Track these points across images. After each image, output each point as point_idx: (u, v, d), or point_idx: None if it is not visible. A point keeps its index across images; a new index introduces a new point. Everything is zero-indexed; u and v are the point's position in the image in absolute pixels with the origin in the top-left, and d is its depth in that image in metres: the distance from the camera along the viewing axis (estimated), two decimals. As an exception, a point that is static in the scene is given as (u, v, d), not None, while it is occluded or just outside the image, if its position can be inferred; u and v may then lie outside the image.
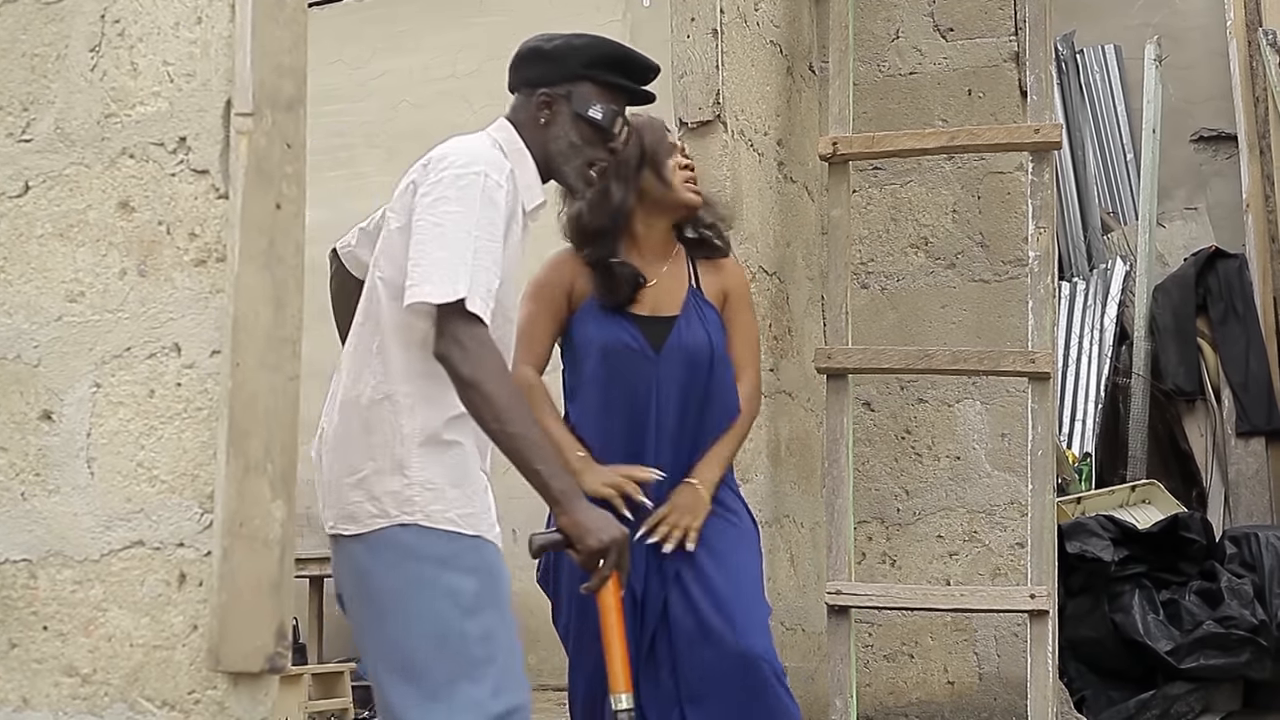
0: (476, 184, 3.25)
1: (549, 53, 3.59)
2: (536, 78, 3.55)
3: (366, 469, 3.24)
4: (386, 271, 3.29)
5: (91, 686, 2.77)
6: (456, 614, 3.19)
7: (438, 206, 3.22)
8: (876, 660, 6.35)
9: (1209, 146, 10.40)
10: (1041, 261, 5.57)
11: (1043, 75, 5.82)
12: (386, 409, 3.24)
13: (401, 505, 3.22)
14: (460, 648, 3.18)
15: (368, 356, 3.28)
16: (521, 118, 3.54)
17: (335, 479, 3.31)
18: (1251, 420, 9.15)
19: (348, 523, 3.28)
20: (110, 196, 2.88)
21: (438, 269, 3.15)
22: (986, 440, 6.32)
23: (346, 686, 7.93)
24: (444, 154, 3.33)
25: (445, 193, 3.24)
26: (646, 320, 4.22)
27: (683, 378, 4.20)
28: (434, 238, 3.19)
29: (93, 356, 2.85)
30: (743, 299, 4.41)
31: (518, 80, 3.59)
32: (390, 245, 3.31)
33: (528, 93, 3.56)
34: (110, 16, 2.92)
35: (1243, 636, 6.66)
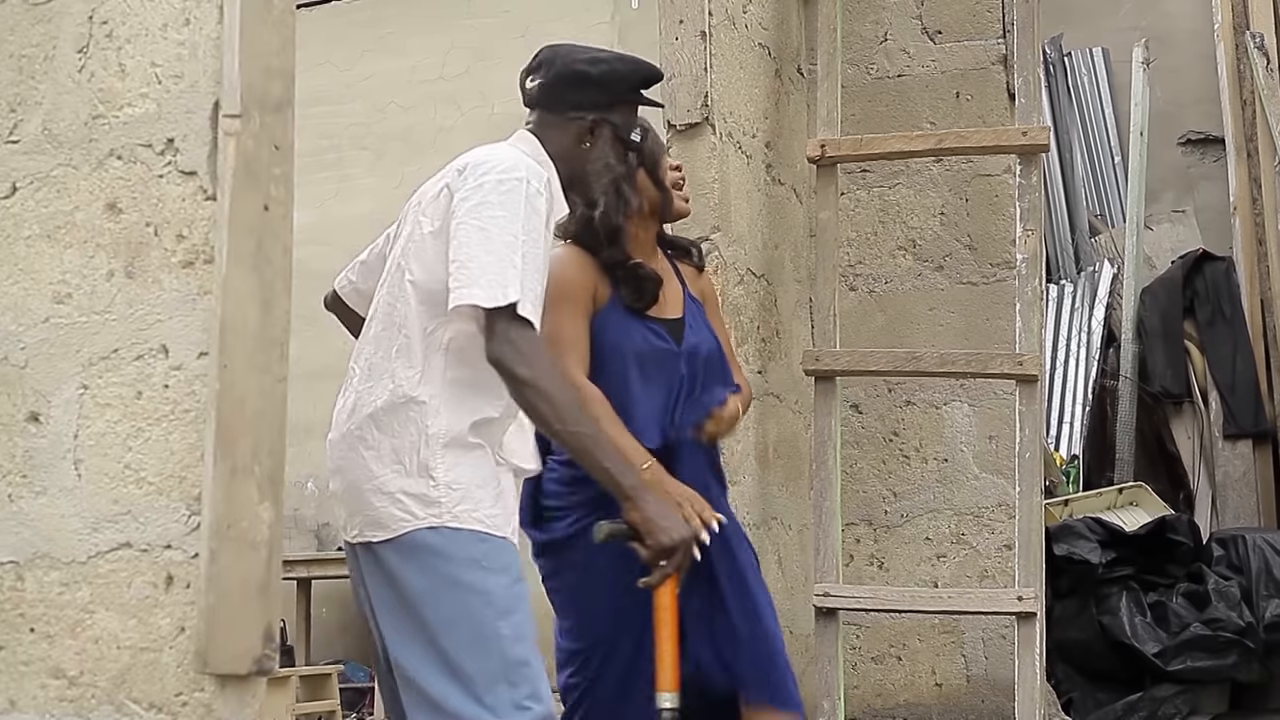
0: (520, 189, 3.25)
1: (596, 78, 3.59)
2: (582, 102, 3.56)
3: (389, 473, 3.23)
4: (418, 275, 3.29)
5: (79, 688, 2.76)
6: (491, 614, 3.19)
7: (481, 211, 3.22)
8: (864, 662, 6.35)
9: (1196, 149, 10.42)
10: (1029, 264, 5.58)
11: (1030, 78, 5.83)
12: (411, 411, 3.24)
13: (429, 507, 3.21)
14: (497, 648, 3.18)
15: (386, 361, 3.28)
16: (553, 135, 3.54)
17: (355, 486, 3.28)
18: (1239, 423, 9.16)
19: (374, 529, 3.25)
20: (98, 198, 2.87)
21: (485, 273, 3.15)
22: (974, 442, 6.32)
23: (334, 689, 7.94)
24: (482, 160, 3.32)
25: (488, 197, 3.23)
26: (663, 321, 4.23)
27: (698, 374, 4.22)
28: (479, 241, 3.18)
29: (80, 358, 2.85)
30: (715, 301, 4.50)
31: (553, 101, 3.58)
32: (422, 249, 3.30)
33: (567, 115, 3.56)
34: (98, 18, 2.92)
35: (1230, 639, 6.67)
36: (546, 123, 3.56)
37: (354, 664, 9.25)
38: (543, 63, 3.63)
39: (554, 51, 3.66)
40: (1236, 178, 9.69)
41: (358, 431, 3.28)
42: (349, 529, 3.34)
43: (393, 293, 3.34)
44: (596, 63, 3.61)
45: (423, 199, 3.41)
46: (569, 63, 3.60)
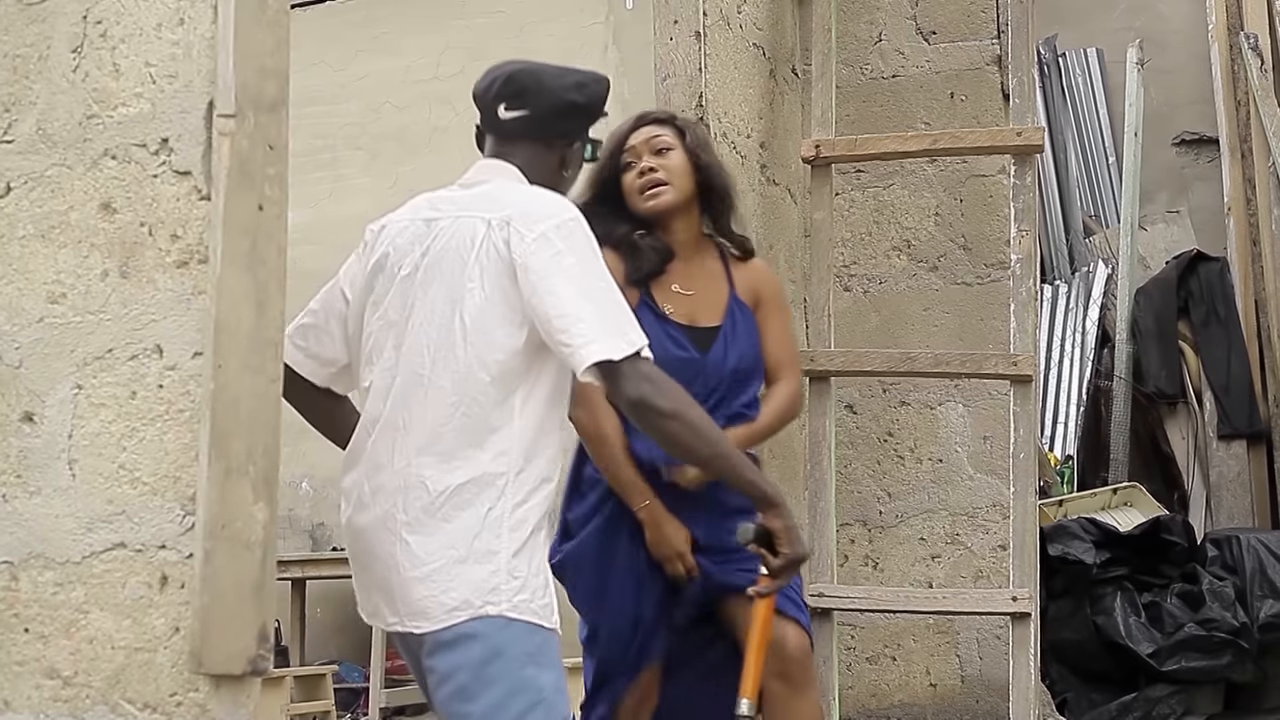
0: (578, 229, 3.16)
1: (585, 106, 3.46)
2: (570, 130, 3.46)
3: (442, 559, 3.07)
4: (482, 350, 3.11)
5: (73, 689, 2.76)
6: (541, 713, 3.08)
7: (559, 261, 3.09)
8: (859, 663, 6.35)
9: (1191, 150, 10.42)
10: (1024, 265, 5.58)
11: (1025, 79, 5.83)
12: (470, 492, 3.08)
13: (487, 595, 3.06)
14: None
15: (438, 441, 3.10)
16: (536, 166, 3.40)
17: (394, 573, 3.11)
18: (1233, 423, 9.17)
19: (419, 619, 3.09)
20: (92, 198, 2.87)
21: (598, 325, 3.04)
22: (969, 443, 6.32)
23: (329, 689, 7.94)
24: (525, 210, 3.17)
25: (557, 246, 3.10)
26: (693, 330, 4.29)
27: (723, 389, 4.26)
28: (574, 295, 3.07)
29: (74, 358, 2.85)
30: (775, 299, 4.48)
31: (541, 132, 3.42)
32: (481, 321, 3.12)
33: (553, 145, 3.44)
34: (92, 17, 2.92)
35: (1224, 639, 6.68)
36: (530, 154, 3.41)
37: (348, 664, 9.25)
38: (522, 91, 3.41)
39: (527, 77, 3.44)
40: (1231, 178, 9.70)
41: (401, 515, 3.10)
42: (386, 617, 3.18)
43: (441, 366, 3.14)
44: (581, 88, 3.45)
45: (430, 257, 3.21)
46: (557, 92, 3.42)
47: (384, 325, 3.24)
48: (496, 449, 3.10)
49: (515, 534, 3.10)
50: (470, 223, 3.19)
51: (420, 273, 3.22)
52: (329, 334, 3.39)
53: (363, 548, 3.19)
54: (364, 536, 3.18)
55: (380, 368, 3.22)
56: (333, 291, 3.41)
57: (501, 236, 3.13)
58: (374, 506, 3.15)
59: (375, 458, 3.18)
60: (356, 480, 3.22)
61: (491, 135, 3.46)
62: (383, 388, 3.21)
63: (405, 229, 3.30)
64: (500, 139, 3.44)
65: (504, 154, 3.42)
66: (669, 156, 4.33)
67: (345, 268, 3.42)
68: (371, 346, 3.26)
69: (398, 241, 3.29)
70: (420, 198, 3.40)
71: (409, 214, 3.35)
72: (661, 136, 4.35)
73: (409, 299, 3.21)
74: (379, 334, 3.25)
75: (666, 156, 4.33)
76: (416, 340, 3.17)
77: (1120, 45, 10.29)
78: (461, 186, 3.38)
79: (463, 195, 3.32)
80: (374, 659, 8.37)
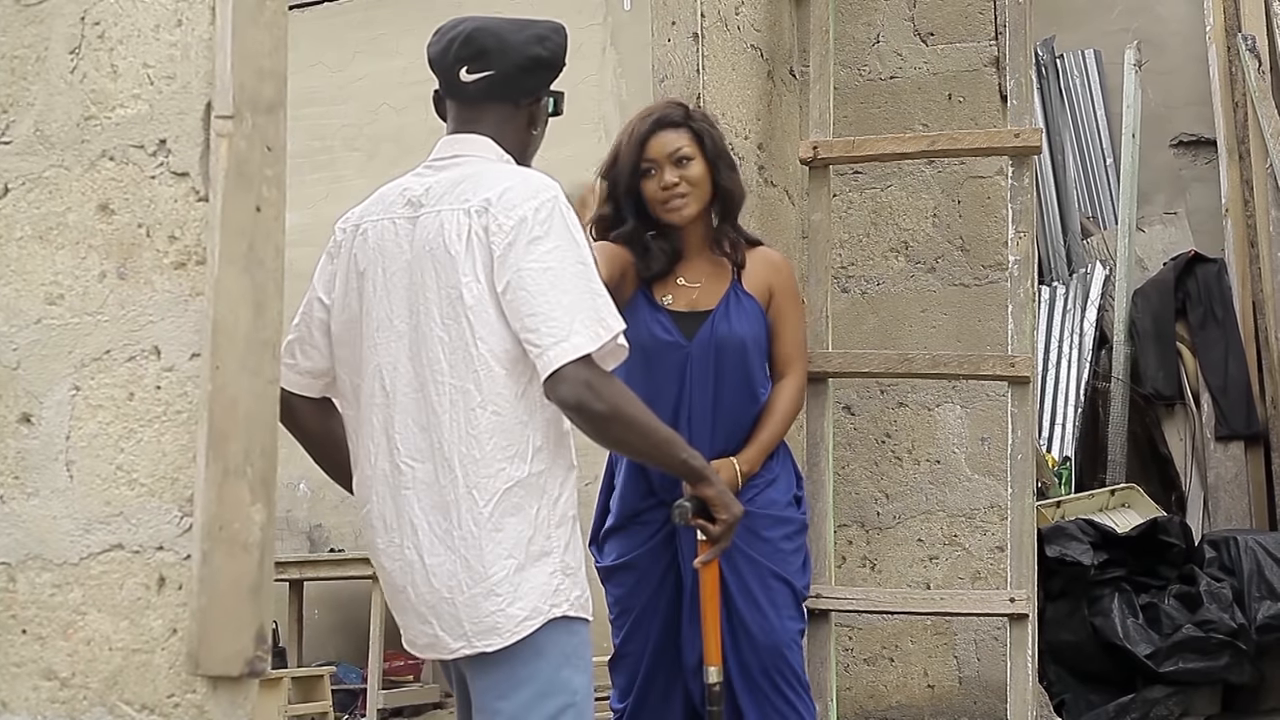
0: (556, 209, 3.09)
1: (549, 59, 3.35)
2: (535, 86, 3.34)
3: (502, 569, 3.02)
4: (492, 342, 3.06)
5: (70, 690, 2.76)
6: (572, 716, 3.07)
7: (534, 249, 3.04)
8: (856, 664, 6.35)
9: (1188, 151, 10.42)
10: (1021, 266, 5.58)
11: (1023, 80, 5.83)
12: (518, 496, 3.04)
13: (550, 598, 3.04)
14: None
15: (470, 446, 3.05)
16: (507, 130, 3.32)
17: (457, 593, 3.05)
18: (1230, 424, 9.17)
19: (489, 637, 3.03)
20: (90, 199, 2.87)
21: (575, 316, 3.00)
22: (966, 444, 6.32)
23: (326, 690, 7.94)
24: (501, 193, 3.10)
25: (534, 232, 3.05)
26: (682, 315, 4.37)
27: (714, 366, 4.33)
28: (550, 285, 3.01)
29: (72, 359, 2.85)
30: (790, 293, 4.56)
31: (507, 92, 3.30)
32: (482, 311, 3.07)
33: (520, 103, 3.33)
34: (90, 19, 2.92)
35: (1222, 640, 6.68)
36: (499, 117, 3.30)
37: (346, 665, 9.25)
38: (484, 51, 3.28)
39: (486, 36, 3.29)
40: (1228, 180, 9.70)
41: (455, 531, 3.04)
42: (450, 644, 3.09)
43: (462, 369, 3.08)
44: (543, 41, 3.32)
45: (418, 256, 3.15)
46: (520, 48, 3.29)
47: (391, 336, 3.17)
48: (532, 445, 3.08)
49: (561, 529, 3.10)
50: (453, 215, 3.13)
51: (412, 274, 3.17)
52: (315, 346, 3.34)
53: (409, 575, 3.12)
54: (406, 563, 3.11)
55: (391, 381, 3.16)
56: (310, 302, 3.35)
57: (481, 224, 3.08)
58: (413, 529, 3.10)
59: (399, 477, 3.13)
60: (380, 505, 3.16)
61: (454, 101, 3.35)
62: (399, 401, 3.15)
63: (386, 229, 3.24)
64: (464, 104, 3.33)
65: (471, 121, 3.32)
66: (689, 167, 4.39)
67: (318, 273, 3.36)
68: (379, 358, 3.19)
69: (381, 243, 3.23)
70: (389, 189, 3.32)
71: (382, 210, 3.27)
72: (682, 148, 4.39)
73: (409, 303, 3.16)
74: (385, 345, 3.18)
75: (687, 167, 4.38)
76: (428, 346, 3.12)
77: (1118, 47, 10.29)
78: (432, 168, 3.30)
79: (437, 181, 3.23)
80: (372, 660, 8.38)
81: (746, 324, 4.39)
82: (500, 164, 3.26)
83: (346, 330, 3.28)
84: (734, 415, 4.38)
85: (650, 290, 4.40)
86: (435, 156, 3.32)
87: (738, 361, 4.37)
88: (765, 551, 4.33)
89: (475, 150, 3.27)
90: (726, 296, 4.40)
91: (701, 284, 4.42)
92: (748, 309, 4.41)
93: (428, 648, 3.15)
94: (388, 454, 3.15)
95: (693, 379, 4.32)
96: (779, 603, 4.33)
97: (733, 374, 4.36)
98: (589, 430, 3.08)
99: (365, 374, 3.21)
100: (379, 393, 3.18)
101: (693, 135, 4.42)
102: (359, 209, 3.35)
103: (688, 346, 4.33)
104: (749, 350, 4.39)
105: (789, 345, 4.53)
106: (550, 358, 2.98)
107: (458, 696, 3.30)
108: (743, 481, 4.30)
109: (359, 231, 3.28)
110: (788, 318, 4.53)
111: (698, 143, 4.42)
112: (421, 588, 3.09)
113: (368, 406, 3.20)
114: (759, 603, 4.30)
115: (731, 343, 4.35)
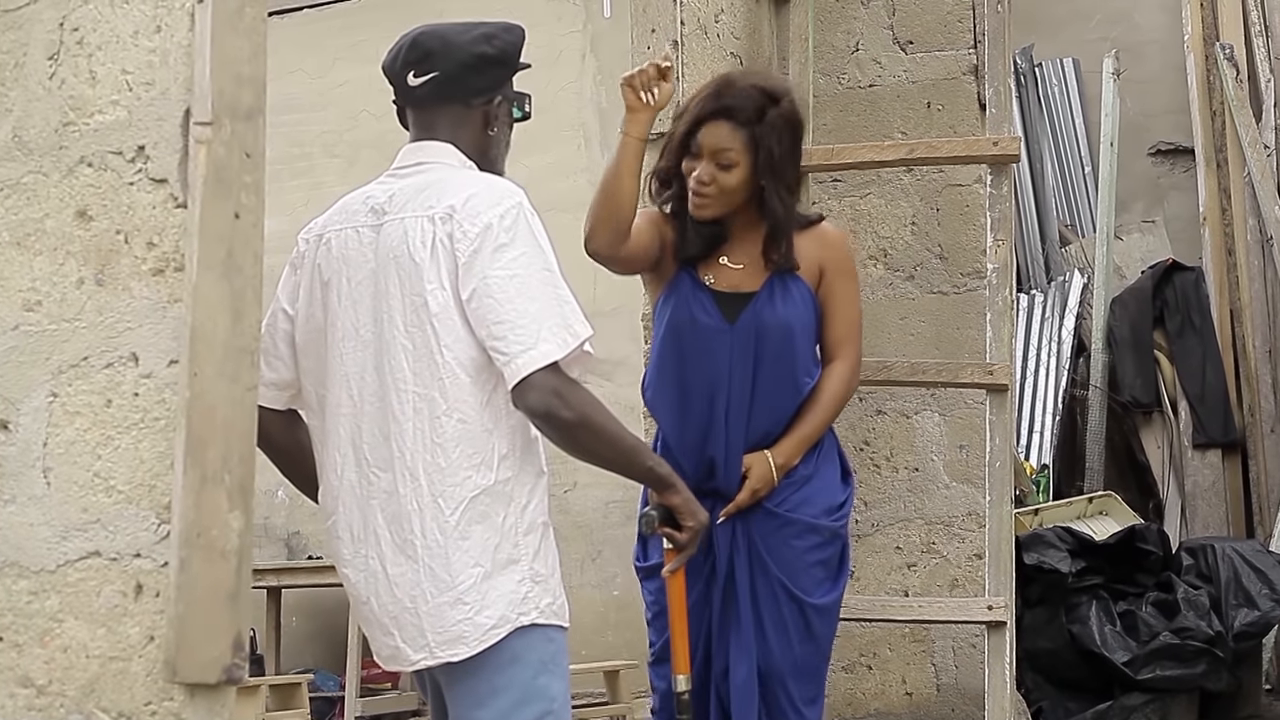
0: (521, 216, 3.08)
1: (497, 57, 3.32)
2: (486, 85, 3.31)
3: (469, 577, 3.02)
4: (458, 351, 3.05)
5: (47, 698, 2.75)
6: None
7: (500, 256, 3.02)
8: (835, 671, 6.34)
9: (1166, 160, 10.44)
10: (999, 274, 5.59)
11: (1001, 88, 5.84)
12: (484, 504, 3.03)
13: (519, 606, 3.04)
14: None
15: (435, 455, 3.04)
16: (463, 133, 3.31)
17: (420, 602, 3.04)
18: (1208, 432, 9.19)
19: (454, 646, 3.03)
20: (68, 205, 2.86)
21: (543, 324, 2.99)
22: (945, 452, 6.33)
23: (304, 698, 7.91)
24: (465, 200, 3.10)
25: (499, 239, 3.04)
26: (724, 295, 4.20)
27: (755, 351, 4.16)
28: (517, 292, 3.00)
29: (49, 366, 2.84)
30: (841, 271, 4.32)
31: (456, 92, 3.29)
32: (450, 322, 3.06)
33: (472, 104, 3.31)
34: (69, 25, 2.91)
35: (1199, 648, 6.68)
36: (452, 119, 3.30)
37: (324, 673, 9.24)
38: (427, 54, 3.28)
39: (430, 39, 3.30)
40: (1206, 188, 9.73)
41: (418, 540, 3.03)
42: (411, 655, 3.09)
43: (427, 377, 3.07)
44: (490, 39, 3.30)
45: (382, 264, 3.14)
46: (464, 47, 3.28)
47: (357, 345, 3.17)
48: (498, 453, 3.06)
49: (530, 537, 3.08)
50: (417, 222, 3.12)
51: (376, 283, 3.16)
52: (279, 357, 3.33)
53: (373, 586, 3.11)
54: (371, 573, 3.11)
55: (359, 390, 3.15)
56: (274, 314, 3.34)
57: (446, 231, 3.07)
58: (378, 539, 3.10)
59: (367, 488, 3.12)
60: (347, 516, 3.16)
61: (410, 108, 3.36)
62: (367, 411, 3.14)
63: (349, 238, 3.23)
64: (418, 110, 3.34)
65: (428, 127, 3.32)
66: (729, 174, 4.15)
67: (281, 284, 3.35)
68: (345, 368, 3.18)
69: (345, 252, 3.22)
70: (351, 198, 3.31)
71: (344, 220, 3.27)
72: (730, 151, 4.13)
73: (374, 311, 3.15)
74: (351, 354, 3.17)
75: (728, 173, 4.15)
76: (392, 354, 3.11)
77: (1096, 55, 10.31)
78: (394, 175, 3.29)
79: (401, 188, 3.22)
80: (349, 668, 8.36)
81: (793, 308, 4.19)
82: (464, 170, 3.26)
83: (311, 341, 3.27)
84: (772, 405, 4.19)
85: (695, 268, 4.23)
86: (398, 165, 3.32)
87: (782, 349, 4.18)
88: (785, 561, 4.19)
89: (437, 157, 3.27)
90: (772, 279, 4.20)
91: (746, 265, 4.22)
92: (794, 292, 4.21)
93: (390, 659, 3.15)
94: (355, 464, 3.15)
95: (733, 364, 4.15)
96: (789, 627, 4.19)
97: (775, 362, 4.17)
98: (556, 438, 3.08)
99: (331, 384, 3.20)
100: (346, 402, 3.17)
101: (750, 141, 4.14)
102: (322, 219, 3.35)
103: (729, 330, 4.16)
104: (795, 336, 4.20)
105: (841, 326, 4.30)
106: (518, 365, 2.98)
107: (432, 706, 3.29)
108: (779, 476, 4.16)
109: (322, 241, 3.28)
110: (840, 297, 4.30)
111: (751, 150, 4.14)
112: (384, 598, 3.10)
113: (334, 417, 3.19)
114: (764, 625, 4.17)
115: (775, 328, 4.16)
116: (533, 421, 3.08)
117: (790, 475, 4.21)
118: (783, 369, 4.20)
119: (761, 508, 4.16)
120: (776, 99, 4.19)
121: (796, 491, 4.23)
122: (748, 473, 4.12)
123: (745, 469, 4.13)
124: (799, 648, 4.22)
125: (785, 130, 4.18)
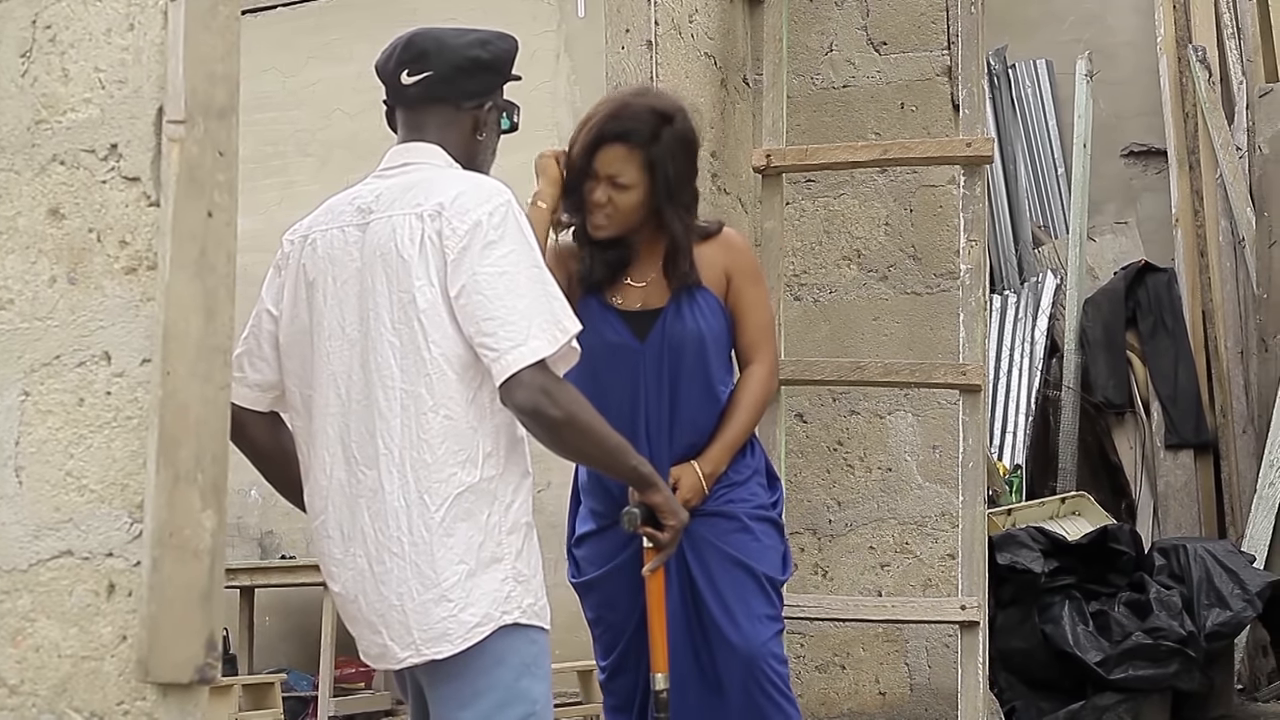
0: (510, 213, 3.08)
1: (489, 62, 3.34)
2: (476, 90, 3.32)
3: (453, 575, 3.01)
4: (445, 348, 3.05)
5: (19, 697, 2.74)
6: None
7: (489, 254, 3.03)
8: (808, 671, 6.36)
9: (1139, 161, 10.50)
10: (973, 274, 5.60)
11: (975, 90, 5.85)
12: (469, 501, 3.03)
13: (502, 604, 3.03)
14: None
15: (421, 452, 3.04)
16: (451, 135, 3.31)
17: (406, 599, 3.03)
18: (1180, 433, 9.24)
19: (438, 644, 3.02)
20: (40, 203, 2.85)
21: (532, 320, 3.00)
22: (918, 452, 6.34)
23: (277, 697, 7.89)
24: (454, 198, 3.09)
25: (488, 237, 3.04)
26: (632, 314, 4.18)
27: (669, 366, 4.15)
28: (506, 289, 3.01)
29: (21, 364, 2.83)
30: (747, 276, 4.30)
31: (447, 94, 3.30)
32: (437, 318, 3.06)
33: (462, 106, 3.31)
34: (41, 22, 2.90)
35: (1171, 648, 6.71)
36: (442, 121, 3.30)
37: (297, 673, 9.21)
38: (422, 54, 3.28)
39: (425, 39, 3.31)
40: (1178, 189, 9.78)
41: (405, 537, 3.03)
42: (397, 654, 3.08)
43: (413, 373, 3.06)
44: (484, 45, 3.32)
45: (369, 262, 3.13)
46: (459, 49, 3.30)
47: (343, 344, 3.16)
48: (483, 451, 3.07)
49: (513, 536, 3.08)
50: (405, 219, 3.12)
51: (363, 280, 3.16)
52: (263, 359, 3.32)
53: (361, 584, 3.11)
54: (359, 572, 3.11)
55: (346, 389, 3.15)
56: (258, 314, 3.34)
57: (434, 228, 3.08)
58: (364, 537, 3.09)
59: (354, 485, 3.12)
60: (337, 515, 3.15)
61: (400, 108, 3.36)
62: (354, 410, 3.14)
63: (335, 238, 3.23)
64: (408, 109, 3.34)
65: (417, 128, 3.32)
66: (626, 195, 4.09)
67: (266, 285, 3.34)
68: (332, 367, 3.18)
69: (330, 252, 3.22)
70: (337, 200, 3.31)
71: (330, 220, 3.27)
72: (623, 175, 4.08)
73: (360, 309, 3.15)
74: (338, 354, 3.17)
75: (625, 194, 4.09)
76: (378, 350, 3.11)
77: (1070, 57, 10.35)
78: (380, 176, 3.30)
79: (387, 187, 3.22)
80: (323, 667, 8.34)
81: (701, 319, 4.18)
82: (451, 170, 3.26)
83: (295, 341, 3.26)
84: (692, 417, 4.19)
85: (601, 292, 4.21)
86: (384, 166, 3.32)
87: (694, 361, 4.17)
88: (738, 544, 4.17)
89: (424, 158, 3.27)
90: (679, 292, 4.18)
91: (650, 282, 4.20)
92: (702, 303, 4.19)
93: (378, 658, 3.14)
94: (344, 463, 3.14)
95: (647, 382, 4.15)
96: (752, 604, 4.15)
97: (689, 374, 4.17)
98: (543, 436, 3.08)
99: (318, 384, 3.20)
100: (334, 401, 3.16)
101: (646, 162, 4.08)
102: (307, 220, 3.34)
103: (640, 348, 4.15)
104: (707, 347, 4.19)
105: (753, 330, 4.29)
106: (507, 361, 2.98)
107: (412, 707, 3.29)
108: (708, 484, 4.15)
109: (307, 242, 3.27)
110: (749, 301, 4.28)
111: (648, 171, 4.09)
112: (372, 596, 3.09)
113: (321, 416, 3.18)
114: (730, 607, 4.13)
115: (686, 341, 4.15)
116: (520, 419, 3.09)
117: (723, 479, 4.22)
118: (698, 381, 4.20)
119: (694, 513, 4.14)
120: (670, 118, 4.14)
121: (733, 490, 4.24)
122: (677, 484, 4.11)
123: (674, 481, 4.11)
124: (767, 627, 4.20)
125: (680, 149, 4.15)
